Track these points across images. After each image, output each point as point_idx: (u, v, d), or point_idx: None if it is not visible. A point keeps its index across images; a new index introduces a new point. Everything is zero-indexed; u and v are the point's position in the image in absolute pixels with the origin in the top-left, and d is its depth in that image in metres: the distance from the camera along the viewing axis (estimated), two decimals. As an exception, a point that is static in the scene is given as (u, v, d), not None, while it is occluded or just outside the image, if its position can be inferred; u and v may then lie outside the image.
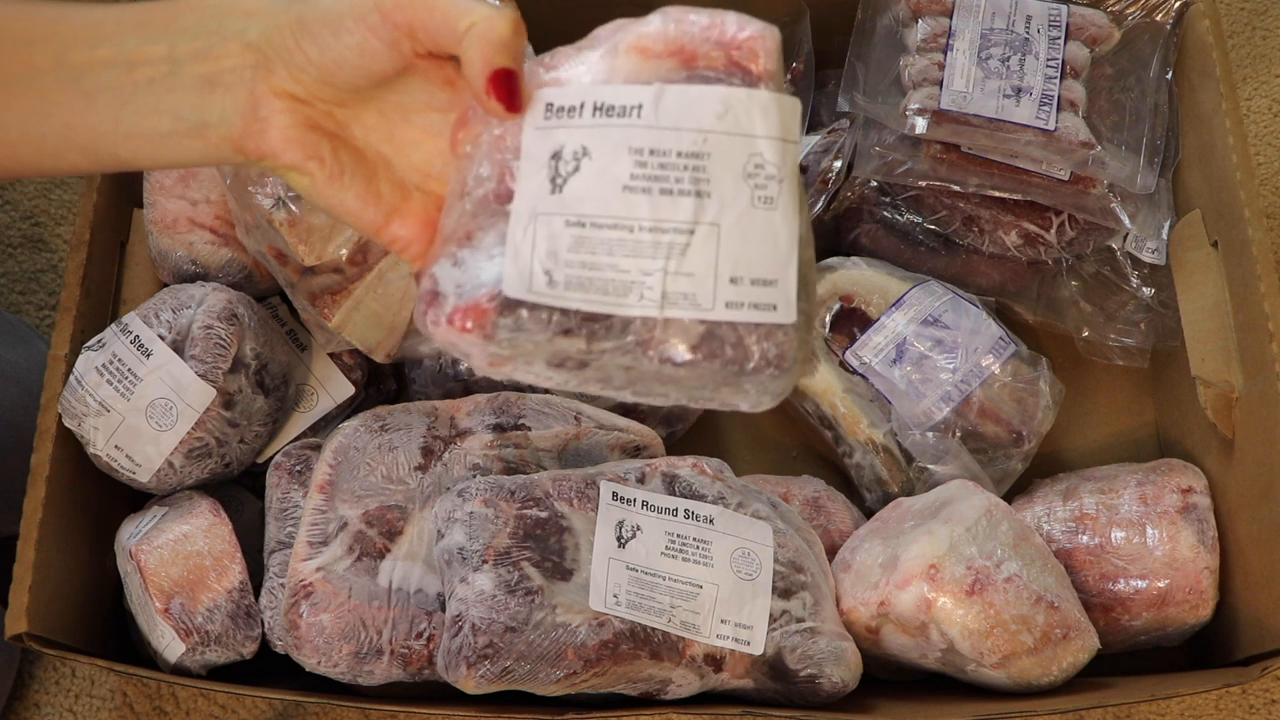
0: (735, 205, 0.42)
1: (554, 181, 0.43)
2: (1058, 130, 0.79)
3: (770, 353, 0.42)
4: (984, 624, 0.66)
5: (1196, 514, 0.73)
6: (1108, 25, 0.85)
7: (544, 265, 0.42)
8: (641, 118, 0.43)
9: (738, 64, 0.44)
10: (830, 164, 0.84)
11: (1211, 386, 0.75)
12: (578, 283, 0.42)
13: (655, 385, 0.44)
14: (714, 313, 0.42)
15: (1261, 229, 0.73)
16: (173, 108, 0.45)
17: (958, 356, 0.78)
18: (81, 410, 0.71)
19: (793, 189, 0.43)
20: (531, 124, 0.44)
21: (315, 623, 0.65)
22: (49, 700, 0.82)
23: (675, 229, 0.42)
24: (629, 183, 0.42)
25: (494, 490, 0.66)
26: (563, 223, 0.42)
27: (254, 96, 0.44)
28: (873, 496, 0.81)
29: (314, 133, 0.45)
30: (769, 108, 0.43)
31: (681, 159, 0.42)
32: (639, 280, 0.42)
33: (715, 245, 0.42)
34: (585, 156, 0.43)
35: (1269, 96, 1.01)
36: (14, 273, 0.96)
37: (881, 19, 0.87)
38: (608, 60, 0.44)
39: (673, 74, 0.44)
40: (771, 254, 0.42)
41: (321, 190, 0.46)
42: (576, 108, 0.43)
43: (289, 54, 0.44)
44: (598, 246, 0.42)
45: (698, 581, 0.65)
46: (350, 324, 0.73)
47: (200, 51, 0.44)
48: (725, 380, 0.43)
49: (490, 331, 0.42)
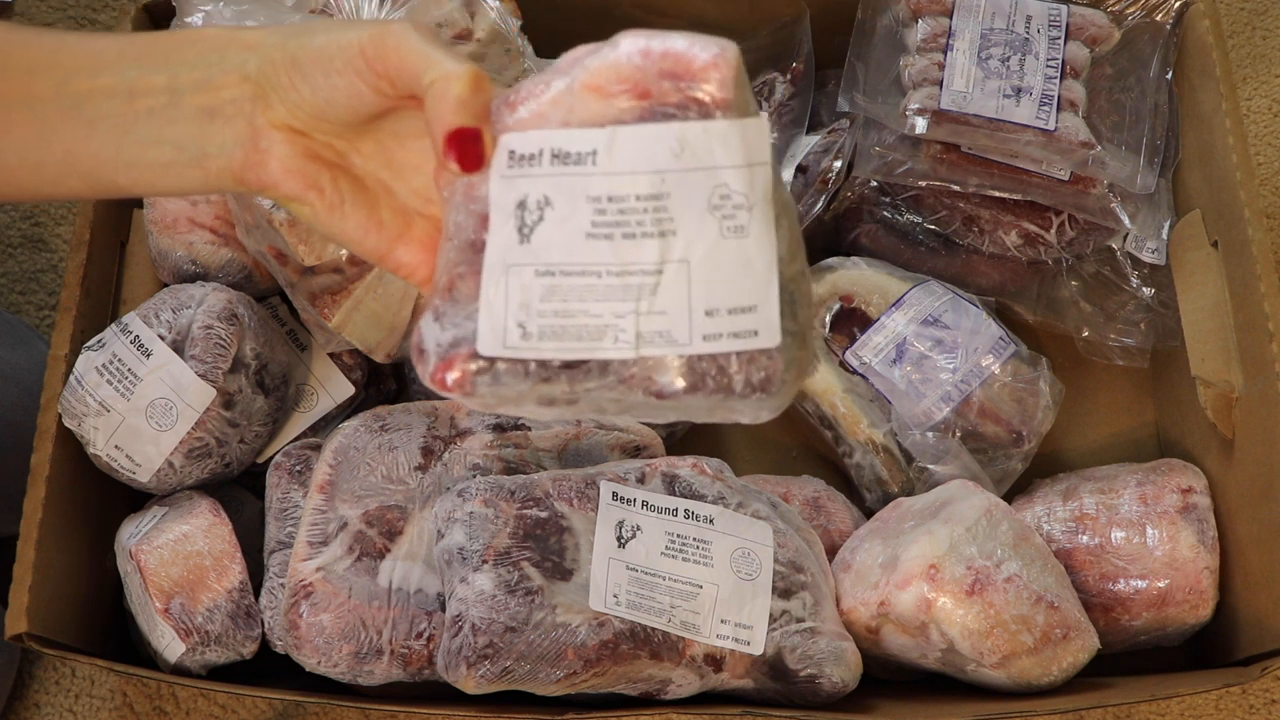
0: (703, 239, 0.42)
1: (521, 231, 0.43)
2: (1058, 130, 0.79)
3: (755, 378, 0.42)
4: (984, 624, 0.66)
5: (1196, 514, 0.73)
6: (1108, 25, 0.85)
7: (517, 318, 0.42)
8: (597, 164, 0.42)
9: (692, 96, 0.43)
10: (830, 164, 0.84)
11: (1211, 386, 0.75)
12: (551, 332, 0.42)
13: (649, 412, 0.44)
14: (691, 347, 0.41)
15: (1261, 229, 0.73)
16: (174, 138, 0.45)
17: (958, 356, 0.78)
18: (81, 410, 0.71)
19: (765, 211, 0.42)
20: (497, 172, 0.44)
21: (315, 623, 0.65)
22: (49, 700, 0.82)
23: (642, 271, 0.42)
24: (591, 230, 0.42)
25: (494, 490, 0.66)
26: (533, 273, 0.42)
27: (253, 128, 0.45)
28: (873, 496, 0.81)
29: (314, 163, 0.46)
30: (729, 136, 0.42)
31: (640, 202, 0.42)
32: (612, 324, 0.42)
33: (686, 281, 0.42)
34: (548, 205, 0.43)
35: (1269, 96, 1.00)
36: (14, 273, 0.96)
37: (881, 19, 0.87)
38: (565, 101, 0.44)
39: (627, 113, 0.43)
40: (748, 281, 0.42)
41: (323, 220, 0.47)
42: (536, 155, 0.43)
43: (284, 91, 0.44)
44: (568, 294, 0.42)
45: (698, 581, 0.65)
46: (350, 324, 0.73)
47: (200, 82, 0.45)
48: (716, 405, 0.43)
49: (470, 389, 0.43)
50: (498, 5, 0.74)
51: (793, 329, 0.43)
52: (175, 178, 0.46)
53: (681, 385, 0.42)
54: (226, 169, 0.46)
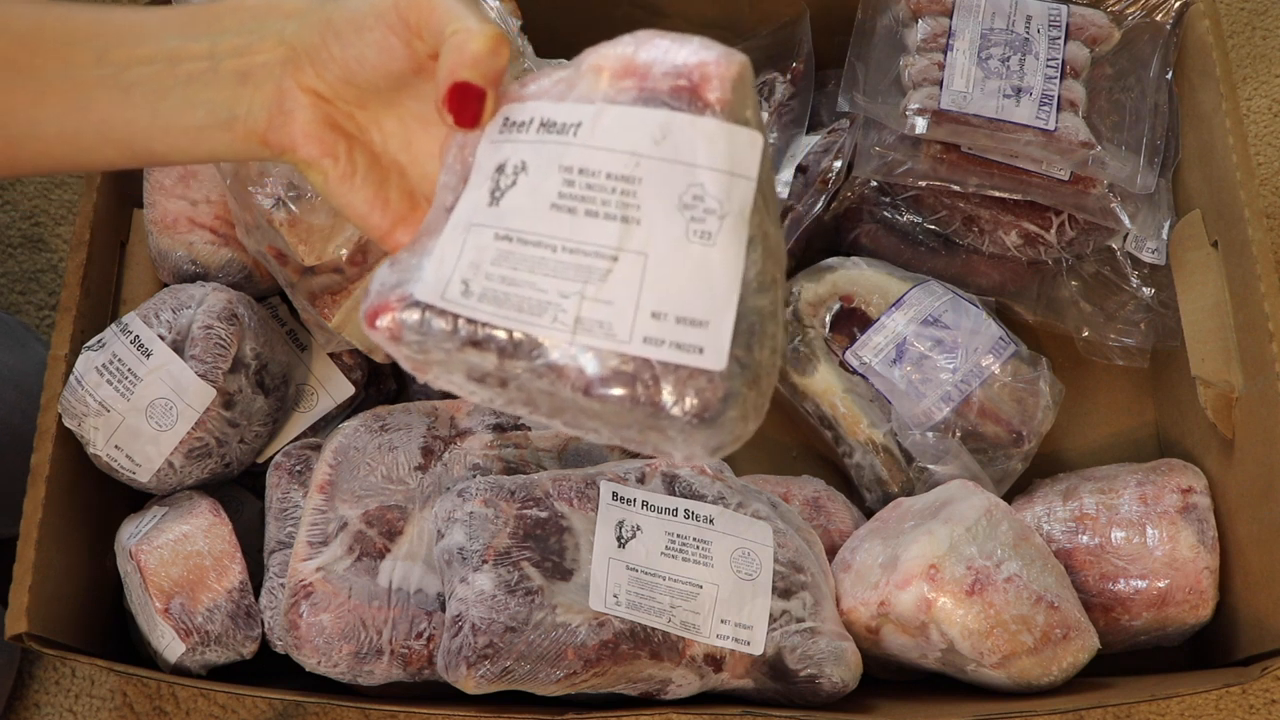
0: (666, 236, 0.40)
1: (493, 195, 0.42)
2: (1058, 130, 0.79)
3: (688, 399, 0.39)
4: (984, 624, 0.66)
5: (1196, 514, 0.73)
6: (1108, 25, 0.85)
7: (463, 274, 0.42)
8: (578, 136, 0.42)
9: (687, 89, 0.41)
10: (830, 164, 0.84)
11: (1211, 386, 0.75)
12: (493, 296, 0.41)
13: (582, 418, 0.42)
14: (630, 346, 0.39)
15: (1261, 229, 0.73)
16: (208, 101, 0.46)
17: (958, 356, 0.78)
18: (81, 410, 0.71)
19: (738, 226, 0.40)
20: (488, 137, 0.44)
21: (315, 623, 0.65)
22: (49, 700, 0.82)
23: (597, 253, 0.40)
24: (556, 201, 0.41)
25: (494, 490, 0.66)
26: (492, 235, 0.42)
27: (281, 91, 0.46)
28: (873, 496, 0.81)
29: (333, 131, 0.47)
30: (715, 137, 0.41)
31: (611, 180, 0.41)
32: (555, 301, 0.40)
33: (639, 275, 0.40)
34: (522, 172, 0.42)
35: (1269, 96, 1.01)
36: (14, 273, 0.96)
37: (881, 19, 0.87)
38: (569, 79, 0.44)
39: (621, 95, 0.42)
40: (705, 293, 0.40)
41: (333, 188, 0.47)
42: (526, 123, 0.43)
43: (315, 51, 0.45)
44: (520, 263, 0.41)
45: (698, 581, 0.65)
46: (350, 324, 0.73)
47: (240, 48, 0.46)
48: (645, 422, 0.40)
49: (397, 333, 0.42)
50: (498, 5, 0.74)
51: (745, 361, 0.40)
52: (206, 141, 0.47)
53: (611, 386, 0.40)
54: (253, 131, 0.46)
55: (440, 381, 0.44)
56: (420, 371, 0.44)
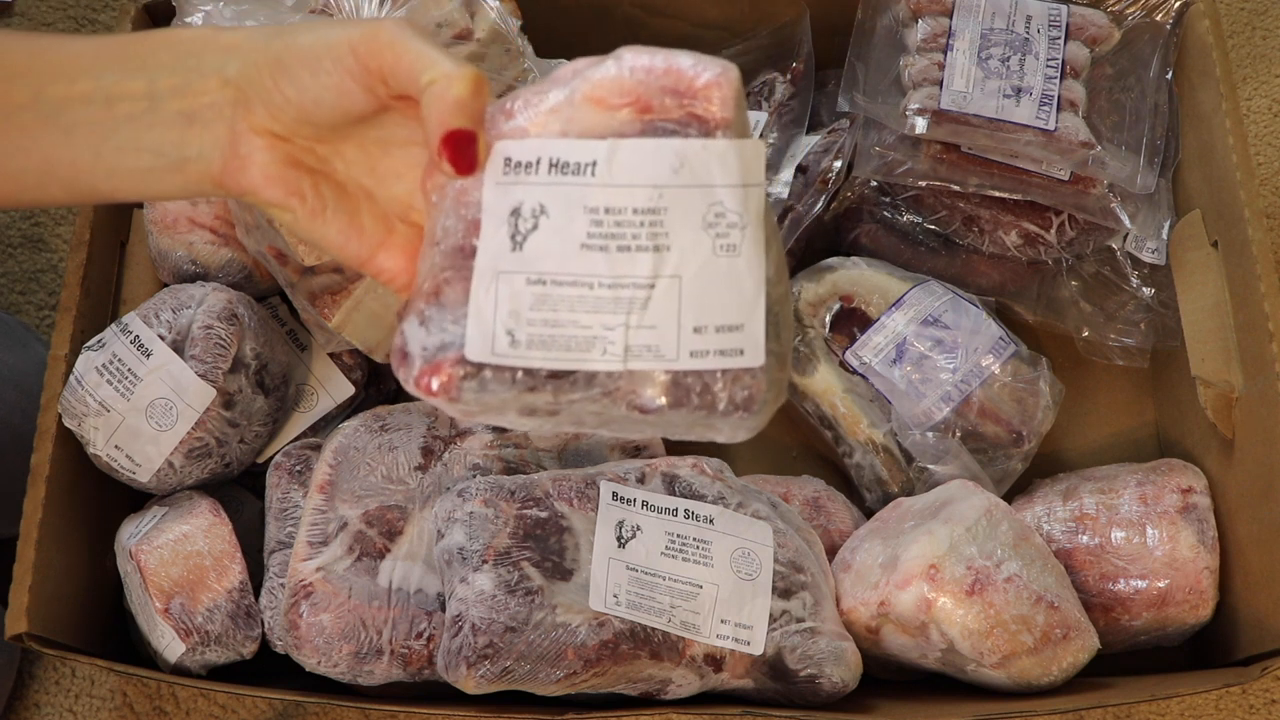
0: (696, 256, 0.42)
1: (514, 239, 0.43)
2: (1058, 130, 0.79)
3: (739, 397, 0.42)
4: (984, 624, 0.66)
5: (1196, 514, 0.73)
6: (1108, 25, 0.85)
7: (506, 325, 0.42)
8: (596, 175, 0.43)
9: (694, 114, 0.43)
10: (830, 164, 0.84)
11: (1211, 386, 0.75)
12: (540, 341, 0.42)
13: (629, 426, 0.44)
14: (678, 363, 0.42)
15: (1261, 229, 0.73)
16: (152, 144, 0.45)
17: (958, 356, 0.78)
18: (81, 410, 0.71)
19: (758, 232, 0.43)
20: (491, 179, 0.44)
21: (315, 623, 0.65)
22: (49, 700, 0.82)
23: (634, 284, 0.42)
24: (586, 241, 0.42)
25: (494, 490, 0.66)
26: (524, 280, 0.43)
27: (234, 134, 0.44)
28: (873, 496, 0.81)
29: (295, 169, 0.45)
30: (727, 156, 0.43)
31: (638, 215, 0.42)
32: (601, 335, 0.42)
33: (677, 297, 0.42)
34: (543, 214, 0.43)
35: (1269, 96, 1.00)
36: (14, 273, 0.96)
37: (881, 19, 0.87)
38: (565, 111, 0.44)
39: (627, 126, 0.43)
40: (737, 300, 0.42)
41: (304, 226, 0.46)
42: (533, 164, 0.43)
43: (267, 93, 0.44)
44: (559, 304, 0.42)
45: (698, 581, 0.65)
46: (350, 324, 0.73)
47: (179, 87, 0.44)
48: (696, 422, 0.43)
49: (455, 395, 0.43)
50: (498, 5, 0.74)
51: (776, 350, 0.43)
52: (155, 183, 0.46)
53: (665, 401, 0.42)
54: (205, 174, 0.45)
55: (491, 421, 0.45)
56: (470, 418, 0.45)
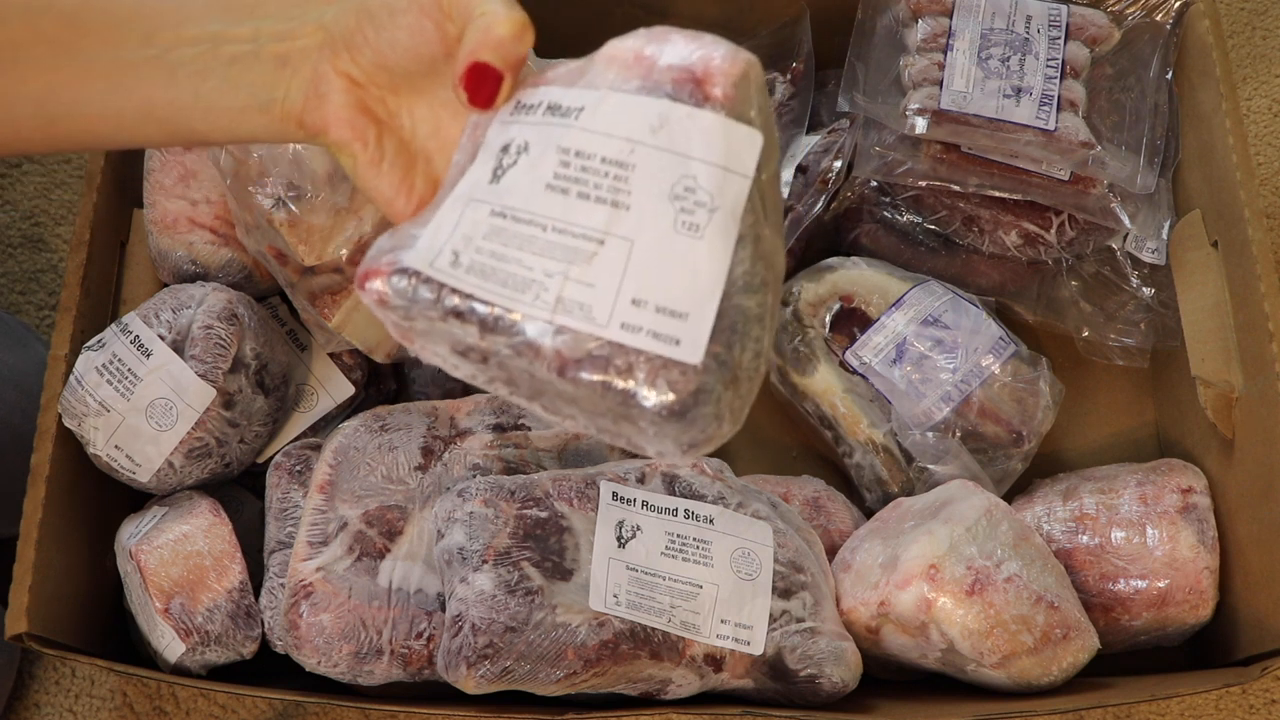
0: (655, 225, 0.40)
1: (495, 172, 0.44)
2: (1058, 130, 0.79)
3: (660, 390, 0.39)
4: (984, 624, 0.66)
5: (1196, 514, 0.73)
6: (1108, 25, 0.85)
7: (454, 246, 0.43)
8: (579, 120, 0.43)
9: (689, 82, 0.42)
10: (830, 164, 0.84)
11: (1211, 386, 0.75)
12: (480, 269, 0.42)
13: (559, 402, 0.43)
14: (607, 330, 0.40)
15: (1261, 229, 0.73)
16: (249, 83, 0.47)
17: (958, 356, 0.78)
18: (81, 410, 0.71)
19: (728, 222, 0.41)
20: (500, 119, 0.45)
21: (315, 623, 0.65)
22: (49, 700, 0.82)
23: (584, 235, 0.41)
24: (551, 181, 0.42)
25: (494, 490, 0.66)
26: (488, 211, 0.43)
27: (317, 74, 0.47)
28: (873, 496, 0.81)
29: (364, 116, 0.47)
30: (712, 131, 0.41)
31: (604, 165, 0.41)
32: (539, 280, 0.41)
33: (624, 261, 0.40)
34: (524, 152, 0.43)
35: (1269, 96, 1.01)
36: (14, 273, 0.96)
37: (881, 19, 0.87)
38: (581, 68, 0.45)
39: (625, 83, 0.43)
40: (688, 285, 0.40)
41: (362, 172, 0.48)
42: (535, 106, 0.44)
43: (350, 35, 0.46)
44: (510, 239, 0.42)
45: (698, 581, 0.65)
46: (350, 324, 0.73)
47: (282, 33, 0.47)
48: (619, 410, 0.41)
49: (385, 297, 0.43)
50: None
51: (723, 359, 0.40)
52: (245, 123, 0.48)
53: (585, 369, 0.40)
54: (289, 114, 0.47)
55: (426, 353, 0.45)
56: (407, 340, 0.45)
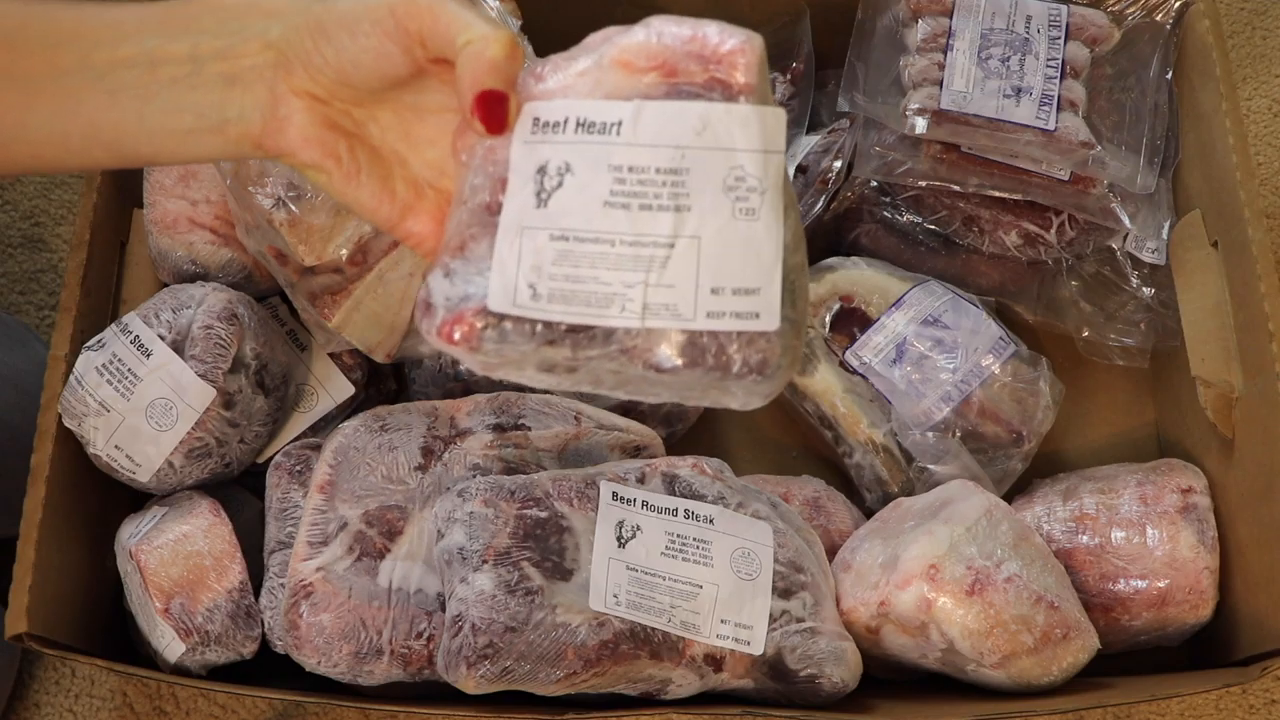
0: (716, 218, 0.43)
1: (539, 196, 0.44)
2: (1058, 130, 0.79)
3: (753, 359, 0.43)
4: (984, 624, 0.66)
5: (1196, 514, 0.73)
6: (1108, 25, 0.85)
7: (528, 279, 0.43)
8: (621, 135, 0.44)
9: (718, 79, 0.44)
10: (830, 164, 0.84)
11: (1211, 386, 0.75)
12: (561, 295, 0.43)
13: (645, 386, 0.45)
14: (695, 323, 0.43)
15: (1261, 229, 0.73)
16: (194, 105, 0.46)
17: (958, 356, 0.78)
18: (81, 410, 0.71)
19: (776, 198, 0.44)
20: (520, 138, 0.45)
21: (315, 623, 0.65)
22: (49, 700, 0.82)
23: (655, 243, 0.43)
24: (609, 198, 0.43)
25: (494, 490, 0.66)
26: (547, 236, 0.43)
27: (274, 95, 0.46)
28: (873, 496, 0.81)
29: (332, 131, 0.47)
30: (749, 121, 0.44)
31: (660, 175, 0.43)
32: (621, 292, 0.43)
33: (696, 257, 0.43)
34: (568, 172, 0.44)
35: (1269, 96, 1.01)
36: (14, 273, 0.96)
37: (881, 19, 0.87)
38: (593, 74, 0.45)
39: (653, 89, 0.44)
40: (755, 264, 0.43)
41: (339, 187, 0.48)
42: (561, 123, 0.45)
43: (307, 55, 0.45)
44: (580, 260, 0.43)
45: (698, 581, 0.65)
46: (350, 324, 0.73)
47: (222, 50, 0.46)
48: (711, 384, 0.44)
49: (476, 344, 0.44)
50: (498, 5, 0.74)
51: (791, 317, 0.44)
52: (195, 144, 0.47)
53: (681, 361, 0.43)
54: (246, 135, 0.46)
55: (510, 376, 0.46)
56: (490, 371, 0.46)
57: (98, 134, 0.47)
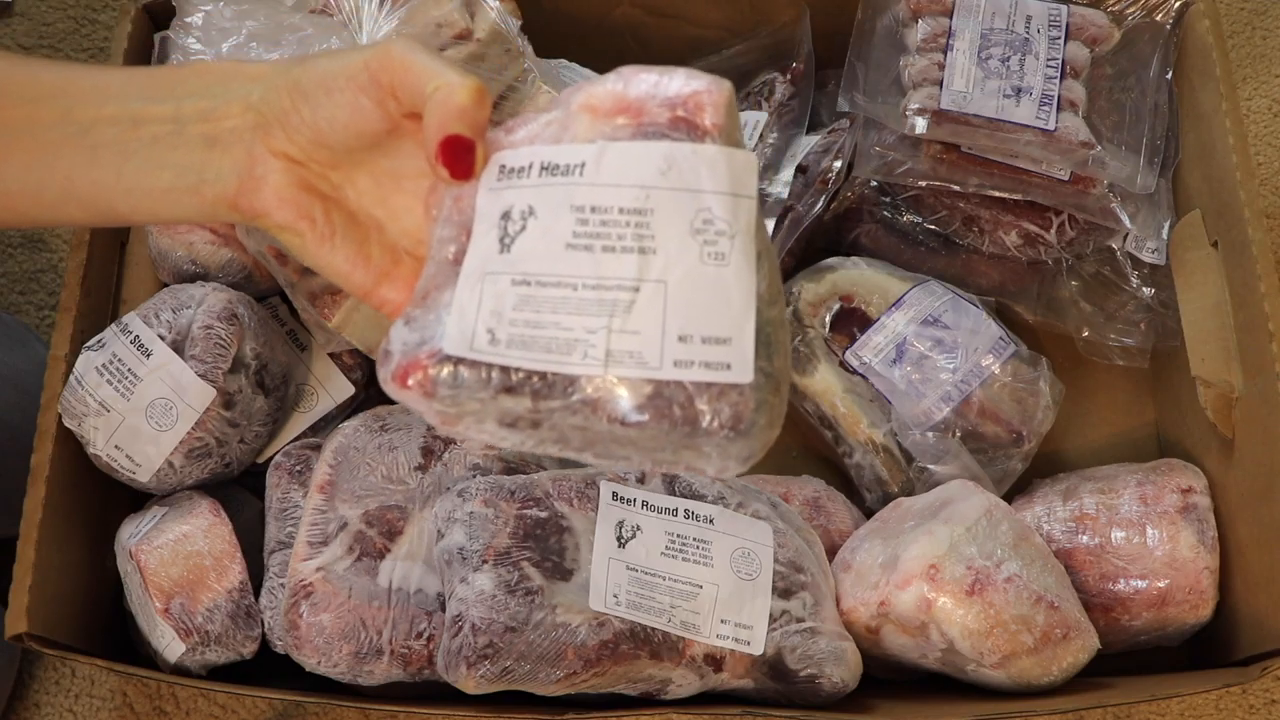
0: (682, 261, 0.41)
1: (503, 241, 0.43)
2: (1058, 130, 0.79)
3: (723, 414, 0.40)
4: (984, 624, 0.66)
5: (1196, 514, 0.73)
6: (1108, 25, 0.85)
7: (487, 324, 0.42)
8: (584, 175, 0.42)
9: (684, 119, 0.43)
10: (830, 164, 0.84)
11: (1211, 386, 0.75)
12: (520, 341, 0.42)
13: (614, 447, 0.43)
14: (661, 371, 0.40)
15: (1261, 229, 0.73)
16: (174, 165, 0.46)
17: (958, 356, 0.78)
18: (81, 410, 0.71)
19: (748, 244, 0.42)
20: (485, 186, 0.44)
21: (315, 623, 0.65)
22: (49, 700, 0.82)
23: (619, 286, 0.41)
24: (571, 240, 0.42)
25: (494, 490, 0.66)
26: (509, 281, 0.42)
27: (251, 156, 0.46)
28: (873, 496, 0.81)
29: (307, 194, 0.46)
30: (716, 162, 0.42)
31: (624, 215, 0.41)
32: (583, 338, 0.41)
33: (662, 302, 0.41)
34: (531, 215, 0.43)
35: (1269, 96, 1.01)
36: (14, 273, 0.96)
37: (881, 19, 0.87)
38: (560, 121, 0.44)
39: (619, 132, 0.43)
40: (724, 311, 0.41)
41: (312, 250, 0.47)
42: (525, 168, 0.44)
43: (285, 115, 0.45)
44: (542, 305, 0.42)
45: (698, 581, 0.65)
46: (350, 324, 0.73)
47: (205, 112, 0.46)
48: (681, 442, 0.41)
49: (430, 389, 0.42)
50: (498, 5, 0.74)
51: (768, 370, 0.41)
52: (172, 205, 0.47)
53: (647, 414, 0.41)
54: (222, 196, 0.46)
55: (471, 432, 0.44)
56: (450, 424, 0.44)
57: (74, 189, 0.47)
